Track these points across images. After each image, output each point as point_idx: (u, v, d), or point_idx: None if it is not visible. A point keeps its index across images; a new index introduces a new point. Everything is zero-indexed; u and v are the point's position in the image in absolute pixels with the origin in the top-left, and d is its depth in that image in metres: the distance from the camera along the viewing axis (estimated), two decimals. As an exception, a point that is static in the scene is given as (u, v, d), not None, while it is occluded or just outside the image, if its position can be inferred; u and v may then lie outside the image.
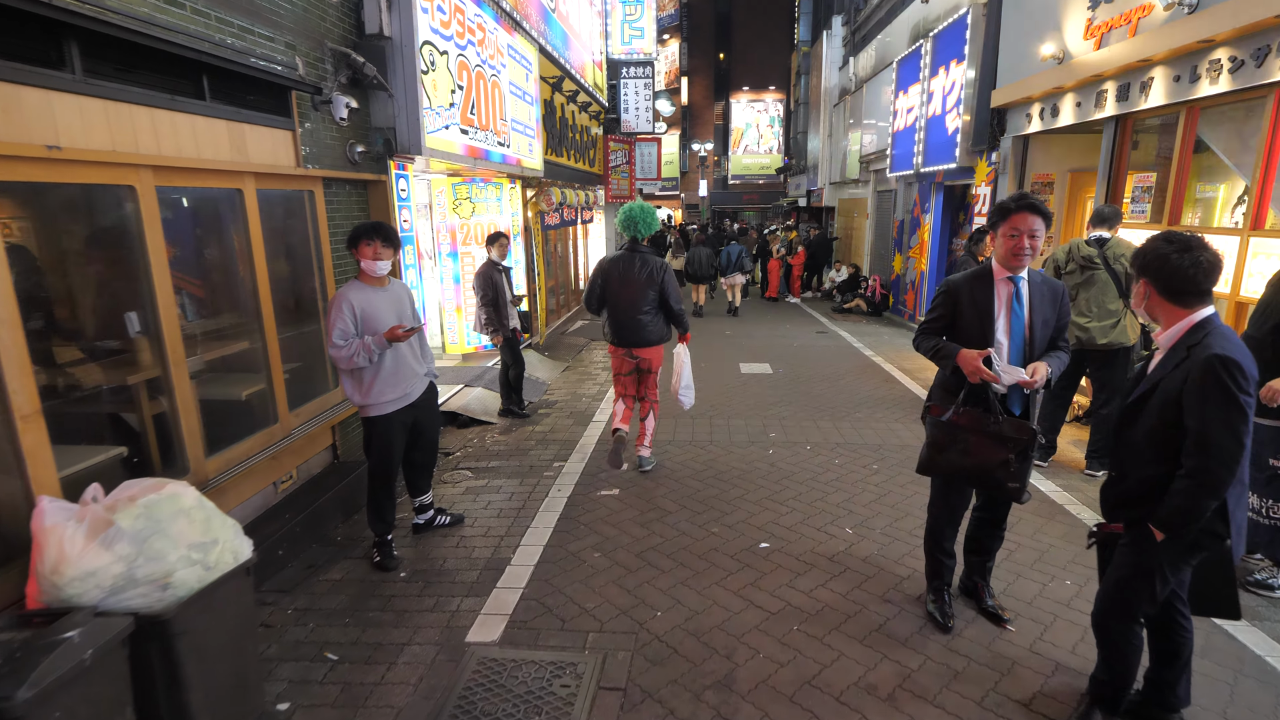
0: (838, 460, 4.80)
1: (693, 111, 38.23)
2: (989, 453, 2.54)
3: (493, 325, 5.85)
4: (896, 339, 10.07)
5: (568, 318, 11.51)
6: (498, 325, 5.85)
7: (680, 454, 5.01)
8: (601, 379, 7.58)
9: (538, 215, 8.92)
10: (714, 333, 10.57)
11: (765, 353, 8.91)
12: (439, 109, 5.22)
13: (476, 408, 6.15)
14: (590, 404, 6.50)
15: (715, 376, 7.56)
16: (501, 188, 7.85)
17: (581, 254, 13.23)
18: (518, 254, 8.26)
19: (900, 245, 11.93)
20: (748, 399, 6.57)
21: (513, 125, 7.17)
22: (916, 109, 10.36)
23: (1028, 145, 7.85)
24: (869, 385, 7.14)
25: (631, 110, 14.43)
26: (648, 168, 19.11)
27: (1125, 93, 5.86)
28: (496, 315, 5.85)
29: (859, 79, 14.74)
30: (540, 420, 6.00)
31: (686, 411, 5.97)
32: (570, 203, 10.13)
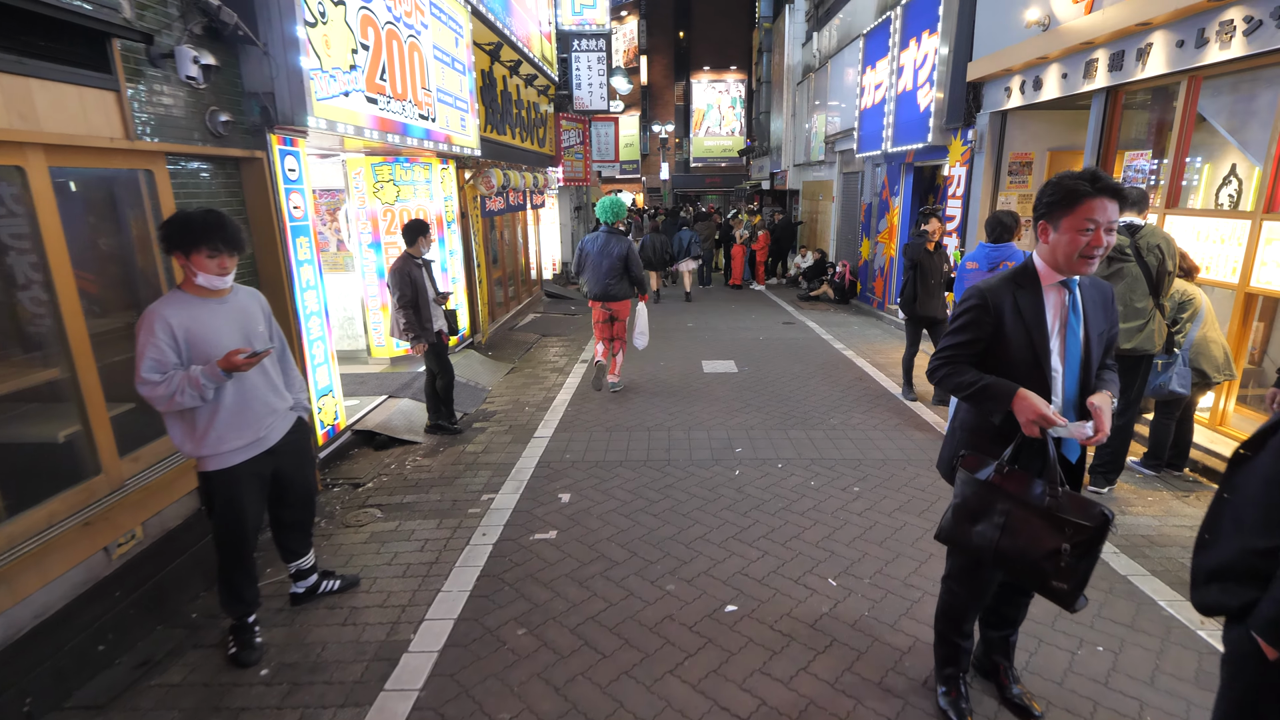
0: (813, 482, 4.15)
1: (653, 92, 37.25)
2: (1036, 536, 1.84)
3: (413, 330, 5.02)
4: (867, 329, 9.53)
5: (518, 310, 10.67)
6: (419, 330, 5.02)
7: (634, 478, 4.30)
8: (549, 382, 6.82)
9: (476, 200, 8.05)
10: (675, 326, 9.87)
11: (729, 348, 8.25)
12: (335, 72, 4.34)
13: (399, 424, 5.33)
14: (534, 415, 5.73)
15: (676, 378, 6.86)
16: (431, 169, 6.96)
17: (533, 241, 12.35)
18: (453, 243, 7.40)
19: (868, 229, 11.39)
20: (711, 405, 5.89)
21: (439, 96, 6.29)
22: (885, 85, 9.75)
23: (1005, 122, 7.29)
24: (841, 384, 6.54)
25: (584, 86, 13.52)
26: (605, 149, 18.24)
27: (1119, 61, 5.30)
28: (417, 318, 5.02)
29: (823, 55, 14.10)
30: (474, 437, 5.22)
31: (645, 425, 5.30)
32: (516, 185, 9.26)
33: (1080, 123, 7.11)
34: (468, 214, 7.78)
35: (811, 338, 8.90)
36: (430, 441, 5.14)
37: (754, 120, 25.44)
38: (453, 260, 7.40)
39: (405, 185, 6.82)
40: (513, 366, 7.57)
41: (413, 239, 5.02)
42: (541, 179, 11.01)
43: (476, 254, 8.02)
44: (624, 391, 6.37)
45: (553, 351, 8.30)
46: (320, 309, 4.55)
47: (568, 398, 6.22)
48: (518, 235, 11.32)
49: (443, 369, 5.21)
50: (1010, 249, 4.78)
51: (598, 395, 6.24)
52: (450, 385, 5.30)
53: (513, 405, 6.08)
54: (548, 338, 9.23)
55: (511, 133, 9.62)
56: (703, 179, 36.90)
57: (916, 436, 5.01)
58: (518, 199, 10.08)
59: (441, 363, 5.20)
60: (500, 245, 10.29)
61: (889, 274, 10.33)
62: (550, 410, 5.84)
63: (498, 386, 6.76)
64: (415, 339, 5.02)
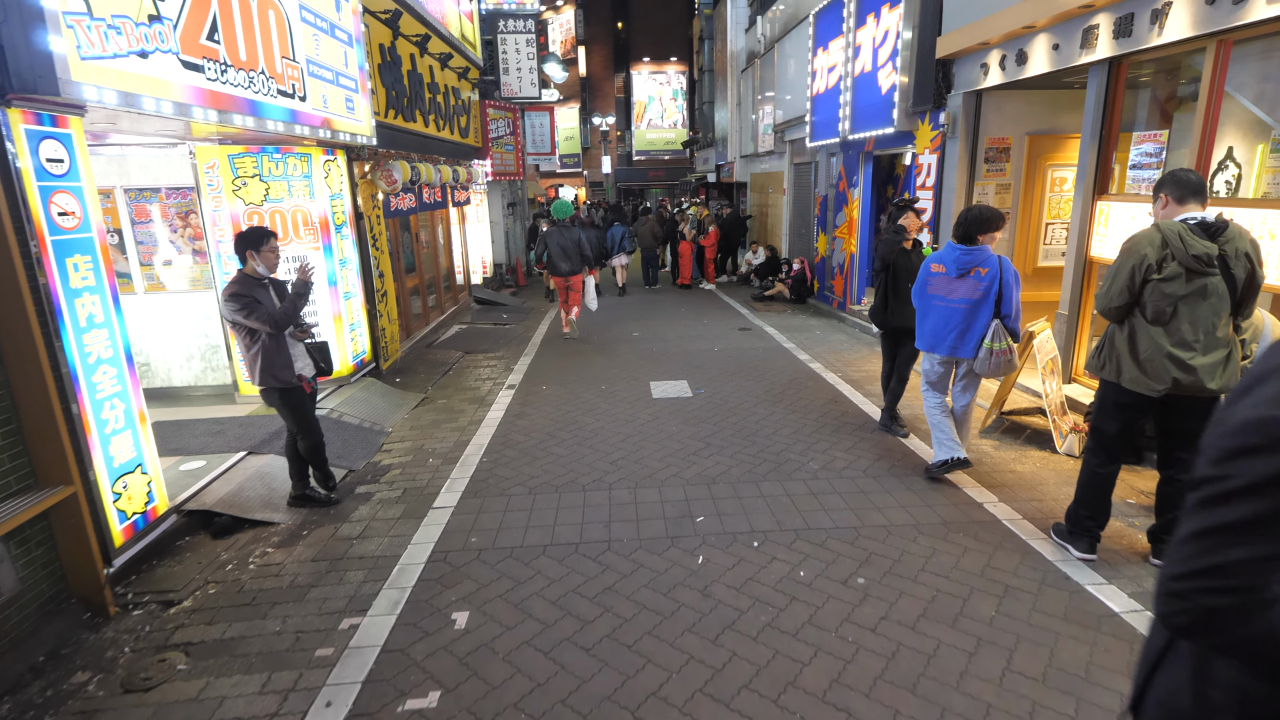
0: (803, 572, 3.13)
1: (592, 83, 35.98)
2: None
3: (279, 369, 3.78)
4: (830, 333, 8.66)
5: (440, 322, 9.37)
6: (276, 369, 3.77)
7: (561, 577, 3.18)
8: (466, 418, 5.62)
9: (376, 198, 6.74)
10: (618, 336, 8.76)
11: (681, 364, 7.21)
12: (119, 21, 3.05)
13: (254, 496, 4.06)
14: (438, 471, 4.54)
15: (621, 407, 5.77)
16: (311, 160, 5.64)
17: (458, 242, 11.03)
18: (345, 251, 6.09)
19: (824, 223, 10.55)
20: (663, 446, 4.83)
21: (313, 70, 4.99)
22: (840, 67, 8.88)
23: (980, 103, 6.47)
24: (814, 409, 5.58)
25: (513, 71, 12.24)
26: (540, 141, 16.98)
27: (1127, 25, 4.47)
28: (273, 354, 3.77)
29: (769, 39, 13.22)
30: (352, 510, 3.99)
31: (580, 479, 4.20)
32: (430, 180, 7.97)
33: (1063, 103, 6.36)
34: (364, 215, 6.47)
35: (772, 346, 7.95)
36: (292, 520, 3.89)
37: (697, 111, 24.53)
38: (345, 271, 6.10)
39: (276, 181, 5.49)
40: (424, 397, 6.32)
41: (246, 253, 3.74)
42: (464, 173, 9.71)
43: (378, 262, 6.72)
44: (557, 429, 5.25)
45: (476, 374, 7.08)
46: (117, 353, 3.25)
47: (485, 441, 5.05)
48: (438, 236, 10.00)
49: (304, 426, 3.96)
50: (984, 253, 3.89)
51: (521, 439, 5.09)
52: (317, 446, 4.03)
53: (414, 455, 4.86)
54: (472, 355, 7.99)
55: (424, 120, 8.31)
56: (645, 172, 35.88)
57: (917, 485, 4.07)
58: (434, 195, 8.78)
59: (301, 418, 3.95)
60: (417, 249, 8.97)
61: (850, 271, 9.50)
62: (461, 462, 4.66)
63: (400, 426, 5.51)
64: (272, 384, 3.77)
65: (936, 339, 4.09)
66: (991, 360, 3.87)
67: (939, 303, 4.05)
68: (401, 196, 7.47)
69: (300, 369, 3.95)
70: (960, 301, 3.95)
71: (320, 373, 4.20)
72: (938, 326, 4.07)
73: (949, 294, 3.99)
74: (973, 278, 3.91)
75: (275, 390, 3.85)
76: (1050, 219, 6.65)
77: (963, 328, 3.96)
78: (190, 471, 4.36)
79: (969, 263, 3.91)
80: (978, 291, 3.88)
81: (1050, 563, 3.15)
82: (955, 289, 3.96)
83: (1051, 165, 6.53)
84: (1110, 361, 3.05)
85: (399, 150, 7.47)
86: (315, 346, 4.19)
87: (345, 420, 5.42)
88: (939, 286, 4.05)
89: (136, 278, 5.71)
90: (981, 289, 3.88)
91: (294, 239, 5.64)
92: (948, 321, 4.01)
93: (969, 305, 3.91)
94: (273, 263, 3.81)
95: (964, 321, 3.95)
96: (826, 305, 10.36)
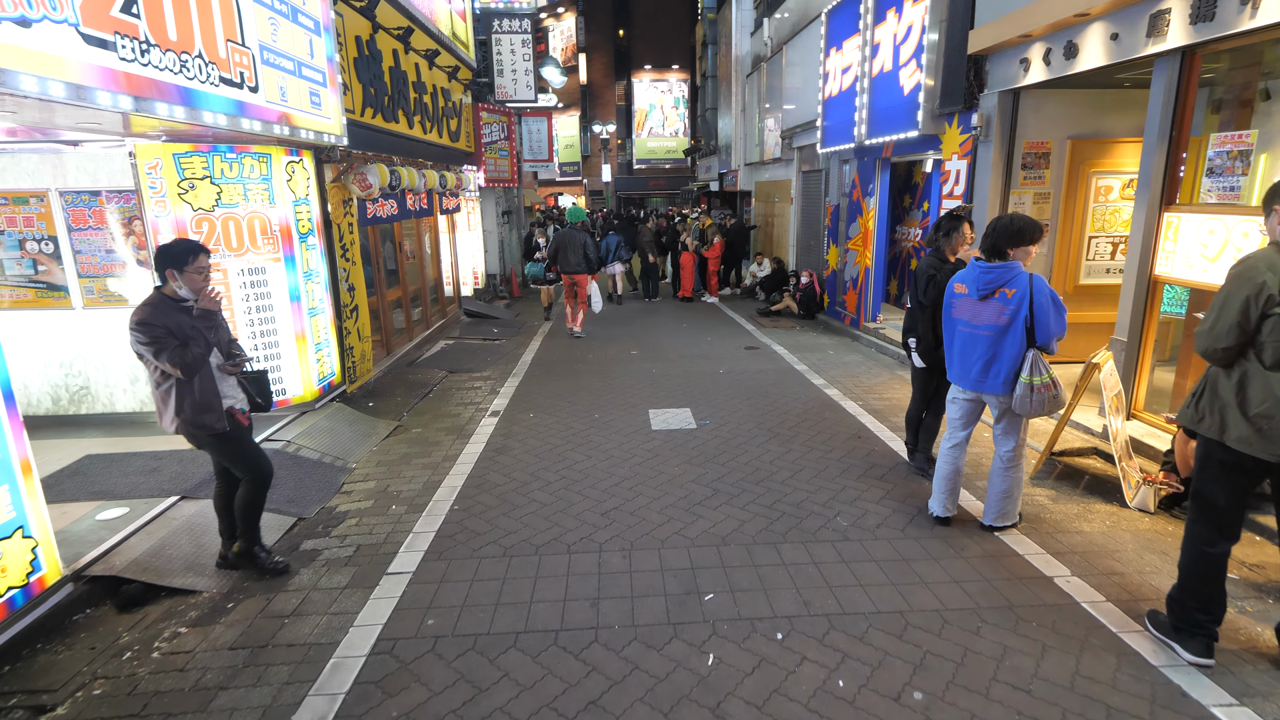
0: (842, 681, 2.46)
1: (592, 91, 35.52)
2: None
3: (198, 412, 3.12)
4: (844, 354, 8.01)
5: (425, 337, 8.73)
6: (194, 412, 3.11)
7: (534, 683, 2.51)
8: (442, 451, 4.96)
9: (349, 203, 6.11)
10: (615, 355, 8.11)
11: (683, 387, 6.56)
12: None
13: (175, 557, 3.41)
14: (401, 522, 3.88)
15: (615, 441, 5.11)
16: (271, 161, 5.02)
17: (447, 251, 10.41)
18: (311, 263, 5.46)
19: (835, 235, 9.94)
20: (663, 494, 4.17)
21: (267, 58, 4.38)
22: (856, 68, 8.28)
23: (1018, 103, 5.85)
24: (836, 446, 4.92)
25: (507, 73, 11.66)
26: (537, 148, 16.37)
27: (1208, 8, 3.84)
28: (191, 393, 3.11)
29: (776, 42, 12.65)
30: (293, 576, 3.33)
31: (565, 536, 3.54)
32: (414, 185, 7.36)
33: (1110, 104, 5.74)
34: (336, 223, 5.85)
35: (782, 369, 7.30)
36: (219, 587, 3.23)
37: (699, 118, 24.01)
38: (312, 285, 5.46)
39: (230, 184, 4.86)
40: (397, 425, 5.67)
41: (166, 270, 3.09)
42: (452, 178, 9.11)
43: (349, 275, 6.09)
44: (542, 468, 4.60)
45: (458, 397, 6.43)
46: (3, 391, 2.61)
47: (459, 482, 4.40)
48: (425, 246, 9.38)
49: (248, 468, 3.29)
50: (1012, 270, 3.25)
51: (500, 481, 4.43)
52: (255, 501, 3.34)
53: (377, 499, 4.21)
54: (456, 375, 7.35)
55: (409, 121, 7.70)
56: (646, 181, 35.40)
57: (969, 549, 3.41)
58: (419, 202, 8.16)
59: (241, 456, 3.28)
60: (400, 259, 8.35)
61: (864, 286, 8.87)
62: (428, 510, 4.00)
63: (366, 461, 4.86)
64: (195, 426, 3.11)
65: (959, 368, 3.49)
66: (1033, 398, 3.21)
67: (962, 328, 3.43)
68: (381, 203, 6.85)
69: (230, 403, 3.29)
70: (984, 328, 3.31)
71: (256, 408, 3.54)
72: (961, 356, 3.46)
73: (972, 318, 3.37)
74: (997, 300, 3.26)
75: (200, 437, 3.19)
76: (1094, 232, 6.02)
77: (986, 358, 3.32)
78: (107, 522, 3.71)
79: (992, 282, 3.27)
80: (1003, 316, 3.24)
81: (1155, 669, 2.49)
82: (979, 313, 3.33)
83: (1096, 172, 5.91)
84: (1212, 414, 2.41)
85: (379, 152, 6.86)
86: (251, 378, 3.51)
87: (303, 455, 4.77)
88: (962, 309, 3.42)
89: (74, 291, 5.07)
90: (1008, 313, 3.23)
91: (250, 249, 5.01)
92: (970, 350, 3.39)
93: (994, 332, 3.28)
94: (199, 285, 3.12)
95: (988, 351, 3.31)
96: (838, 322, 9.73)
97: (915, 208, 9.34)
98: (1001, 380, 3.28)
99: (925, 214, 8.94)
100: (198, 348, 3.04)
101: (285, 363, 5.32)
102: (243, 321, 5.05)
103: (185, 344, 3.00)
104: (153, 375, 3.09)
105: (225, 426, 3.19)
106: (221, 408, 3.20)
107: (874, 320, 8.85)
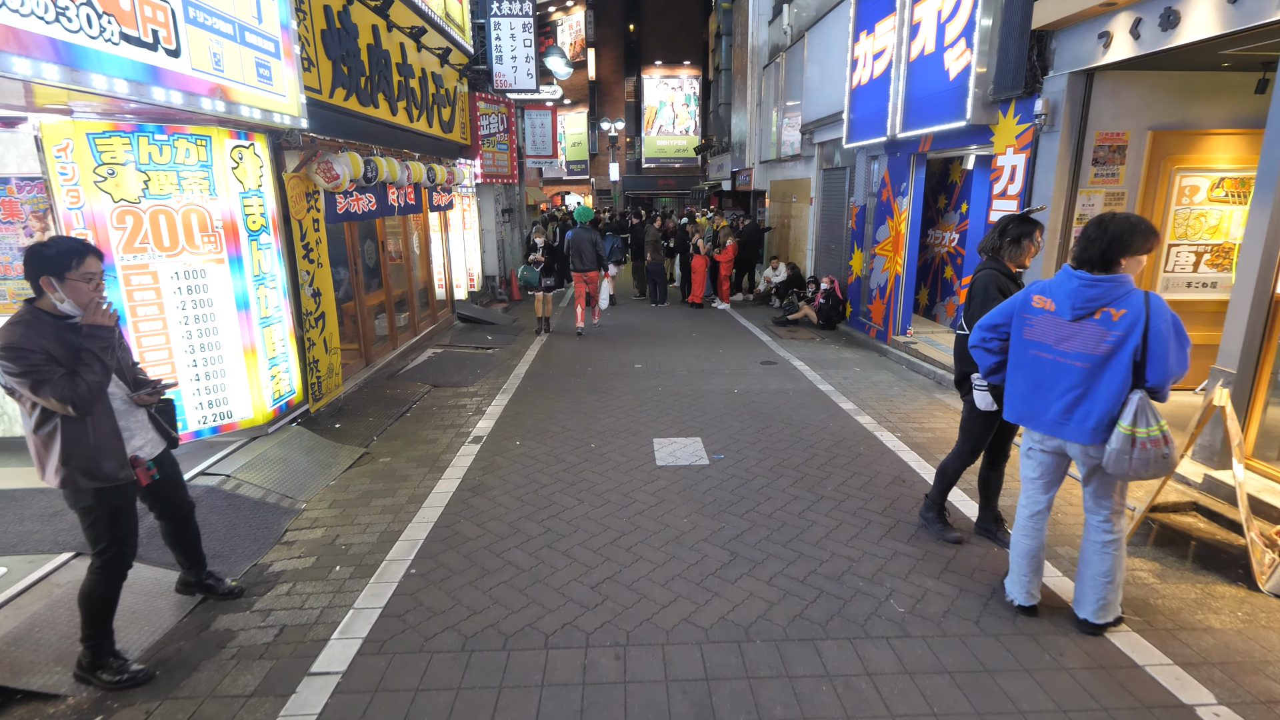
0: None
1: (601, 87, 34.73)
2: None
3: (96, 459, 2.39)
4: (873, 371, 7.18)
5: (411, 345, 7.97)
6: (90, 459, 2.37)
7: None
8: (410, 489, 4.18)
9: (312, 196, 5.34)
10: (618, 367, 7.32)
11: (693, 410, 5.76)
12: None
13: (46, 642, 2.64)
14: (345, 587, 3.11)
15: (610, 479, 4.32)
16: (212, 145, 4.26)
17: (439, 252, 9.64)
18: (265, 264, 4.70)
19: (860, 238, 9.11)
20: (669, 558, 3.38)
21: (194, 16, 3.61)
22: (890, 52, 7.46)
23: (1091, 87, 5.02)
24: (876, 491, 4.12)
25: (506, 59, 10.89)
26: (541, 143, 15.65)
27: (1369, -42, 3.01)
28: (84, 434, 2.36)
29: (797, 29, 11.83)
30: (186, 676, 2.55)
31: (540, 621, 2.71)
32: (396, 178, 6.60)
33: (1200, 89, 4.90)
34: (297, 218, 5.08)
35: (804, 389, 6.49)
36: (87, 694, 2.45)
37: (712, 114, 23.18)
38: (265, 291, 4.70)
39: (160, 171, 4.09)
40: (363, 452, 4.90)
41: (41, 279, 2.34)
42: (443, 172, 8.34)
43: (313, 278, 5.32)
44: (523, 516, 3.81)
45: (438, 418, 5.65)
46: None
47: (423, 534, 3.62)
48: (412, 245, 8.62)
49: (110, 545, 2.52)
50: (1123, 286, 2.44)
51: (471, 534, 3.65)
52: (106, 596, 2.51)
53: (320, 555, 3.43)
54: (440, 390, 6.58)
55: (393, 107, 6.94)
56: (655, 180, 34.62)
57: (1073, 659, 2.60)
58: (405, 197, 7.40)
59: (109, 527, 2.51)
60: (383, 260, 7.59)
61: (894, 295, 8.04)
62: (379, 574, 3.22)
63: (319, 501, 4.09)
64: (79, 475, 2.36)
65: (1031, 405, 2.67)
66: (1134, 455, 2.38)
67: (1041, 354, 2.62)
68: (355, 197, 6.09)
69: (138, 448, 2.56)
70: (1075, 356, 2.51)
71: (168, 445, 2.80)
72: (1034, 389, 2.65)
73: (1057, 342, 2.56)
74: (1097, 322, 2.45)
75: (93, 491, 2.44)
76: (1175, 239, 5.18)
77: (1073, 395, 2.53)
78: (-29, 590, 2.95)
79: (1096, 299, 2.46)
80: (1104, 344, 2.44)
81: None
82: (1069, 337, 2.52)
83: (1181, 169, 5.07)
84: None
85: (352, 140, 6.10)
86: (158, 409, 2.76)
87: (242, 493, 4.00)
88: (1043, 330, 2.61)
89: (-17, 294, 4.33)
90: (1111, 340, 2.42)
91: (186, 249, 4.25)
92: (1051, 384, 2.59)
93: (1090, 364, 2.47)
94: (87, 296, 2.37)
95: (1077, 386, 2.51)
96: (861, 333, 8.90)
97: (951, 209, 8.50)
98: (1091, 426, 2.48)
99: (963, 216, 8.10)
100: (92, 375, 2.31)
101: (231, 381, 4.55)
102: (177, 334, 4.29)
103: (74, 373, 2.27)
104: (29, 415, 2.35)
105: (130, 476, 2.50)
106: (125, 451, 2.49)
107: (903, 334, 8.02)
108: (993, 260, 3.35)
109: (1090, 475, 2.64)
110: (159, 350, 4.22)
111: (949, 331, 8.27)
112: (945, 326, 8.54)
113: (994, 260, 3.35)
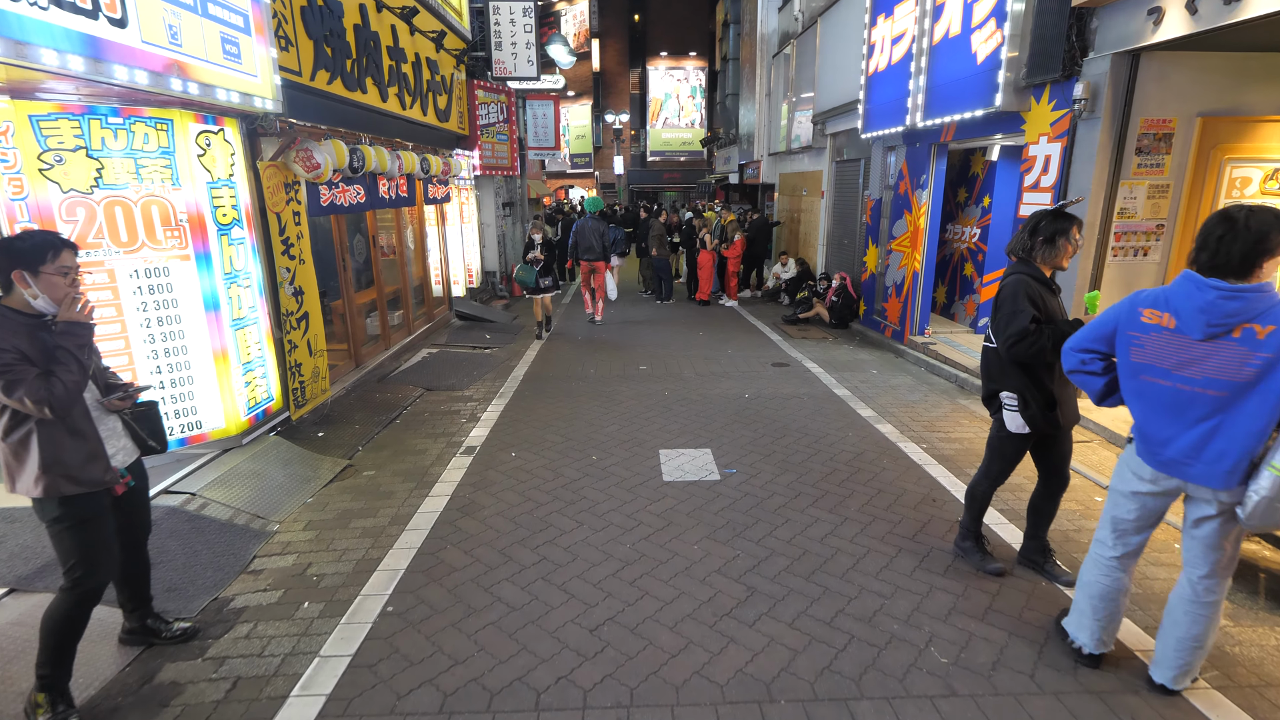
0: None
1: (605, 79, 34.21)
2: None
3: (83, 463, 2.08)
4: (891, 374, 6.79)
5: (405, 345, 7.61)
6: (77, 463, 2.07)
7: None
8: (393, 508, 3.82)
9: (291, 187, 4.97)
10: (622, 369, 6.94)
11: (702, 417, 5.39)
12: None
13: (-59, 712, 2.28)
14: (312, 628, 2.75)
15: (614, 500, 3.95)
16: (174, 129, 3.88)
17: (436, 247, 9.27)
18: (238, 260, 4.33)
19: (876, 233, 8.70)
20: (678, 593, 3.01)
21: (150, -16, 3.22)
22: (911, 35, 7.03)
23: (1136, 70, 4.60)
24: (904, 513, 3.74)
25: (506, 45, 10.47)
26: (543, 134, 15.19)
27: None
28: (62, 438, 2.04)
29: (809, 15, 11.37)
30: None
31: (529, 676, 2.33)
32: (386, 169, 6.22)
33: (1256, 73, 4.50)
34: (274, 211, 4.71)
35: (819, 394, 6.10)
36: (-11, 775, 2.10)
37: (719, 106, 22.70)
38: (237, 290, 4.33)
39: (115, 158, 3.72)
40: (346, 465, 4.54)
41: (13, 274, 2.07)
42: (438, 163, 7.95)
43: (294, 275, 4.95)
44: (516, 541, 3.45)
45: (430, 426, 5.29)
46: None
47: (405, 561, 3.26)
48: (406, 240, 8.24)
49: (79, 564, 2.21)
50: (1268, 298, 2.00)
51: (458, 562, 3.28)
52: (70, 623, 2.23)
53: (289, 588, 3.07)
54: (434, 394, 6.21)
55: (383, 93, 6.55)
56: (660, 174, 34.13)
57: (1142, 715, 2.23)
58: (396, 189, 7.02)
59: (78, 544, 2.21)
60: (375, 256, 7.21)
61: (911, 293, 7.64)
62: (352, 612, 2.86)
63: (294, 521, 3.73)
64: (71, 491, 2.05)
65: (1150, 441, 2.24)
66: None
67: (1153, 378, 2.18)
68: (342, 188, 5.71)
69: (114, 454, 2.27)
70: (1205, 384, 2.06)
71: (149, 451, 2.50)
72: (1155, 422, 2.21)
73: (1177, 367, 2.12)
74: (1237, 341, 2.01)
75: (58, 499, 2.15)
76: (1227, 235, 4.77)
77: (1206, 429, 2.09)
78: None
79: (1237, 314, 2.01)
80: (1246, 368, 2.00)
81: None
82: (1197, 360, 2.08)
83: (1231, 159, 4.66)
84: None
85: (338, 127, 5.72)
86: (139, 413, 2.47)
87: (208, 514, 3.65)
88: (1159, 351, 2.15)
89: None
90: (1258, 363, 1.98)
91: (146, 244, 3.88)
92: (1177, 415, 2.15)
93: (1228, 392, 2.04)
94: (62, 291, 2.13)
95: (1211, 417, 2.08)
96: (875, 332, 8.50)
97: (973, 203, 8.08)
98: (1227, 468, 2.06)
99: (985, 210, 7.68)
100: (69, 374, 2.07)
101: (200, 389, 4.19)
102: (138, 338, 3.93)
103: (49, 373, 2.01)
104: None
105: (115, 479, 2.29)
106: (108, 455, 2.27)
107: (921, 334, 7.62)
108: (1023, 264, 2.94)
109: (1204, 520, 2.20)
110: (119, 355, 3.86)
111: (969, 331, 7.87)
112: (965, 326, 8.13)
113: (1024, 264, 2.93)
